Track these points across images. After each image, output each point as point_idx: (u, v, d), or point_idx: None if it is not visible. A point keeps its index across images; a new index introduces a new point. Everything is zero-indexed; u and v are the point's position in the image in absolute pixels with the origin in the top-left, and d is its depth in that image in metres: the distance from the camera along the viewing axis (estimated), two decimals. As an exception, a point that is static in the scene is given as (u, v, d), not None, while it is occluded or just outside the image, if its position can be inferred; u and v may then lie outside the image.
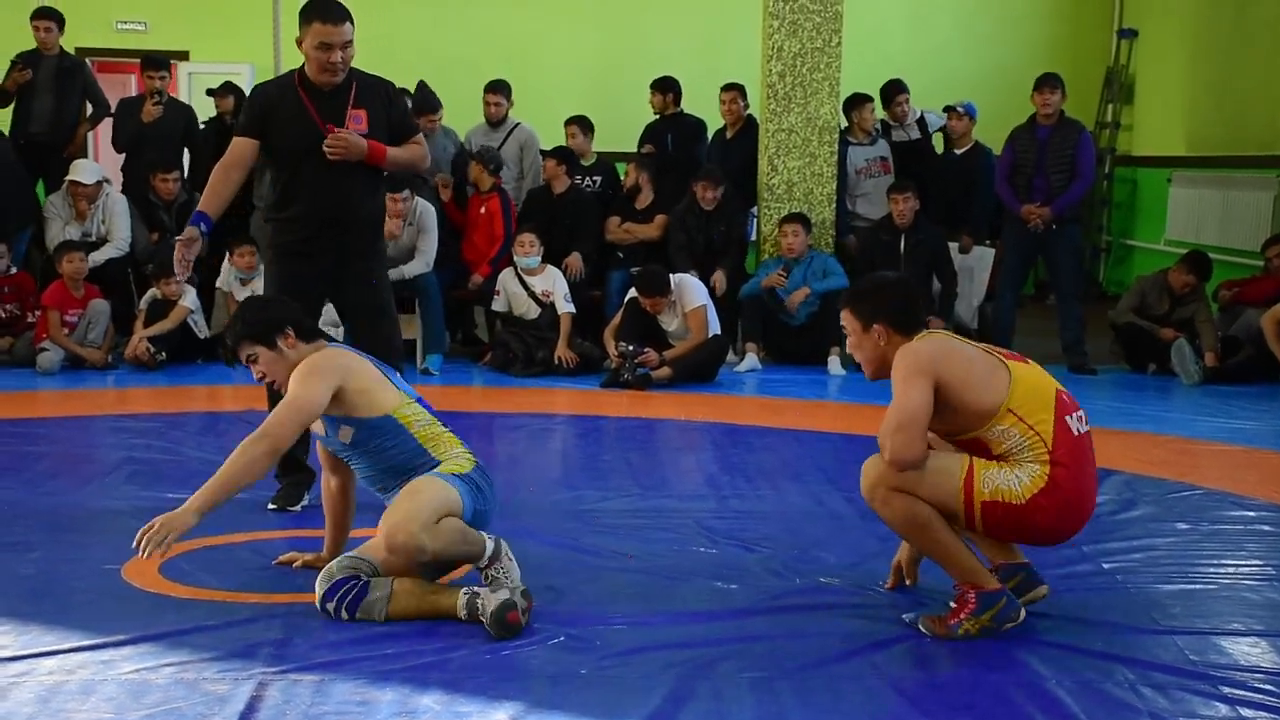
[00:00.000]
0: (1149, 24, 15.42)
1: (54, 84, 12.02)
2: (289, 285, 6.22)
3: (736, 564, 5.65)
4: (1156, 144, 15.18)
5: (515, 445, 8.43)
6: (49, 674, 4.35)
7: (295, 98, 6.26)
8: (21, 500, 6.58)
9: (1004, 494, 4.68)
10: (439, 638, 4.67)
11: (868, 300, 4.96)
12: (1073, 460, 4.73)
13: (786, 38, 11.39)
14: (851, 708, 4.18)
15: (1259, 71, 13.18)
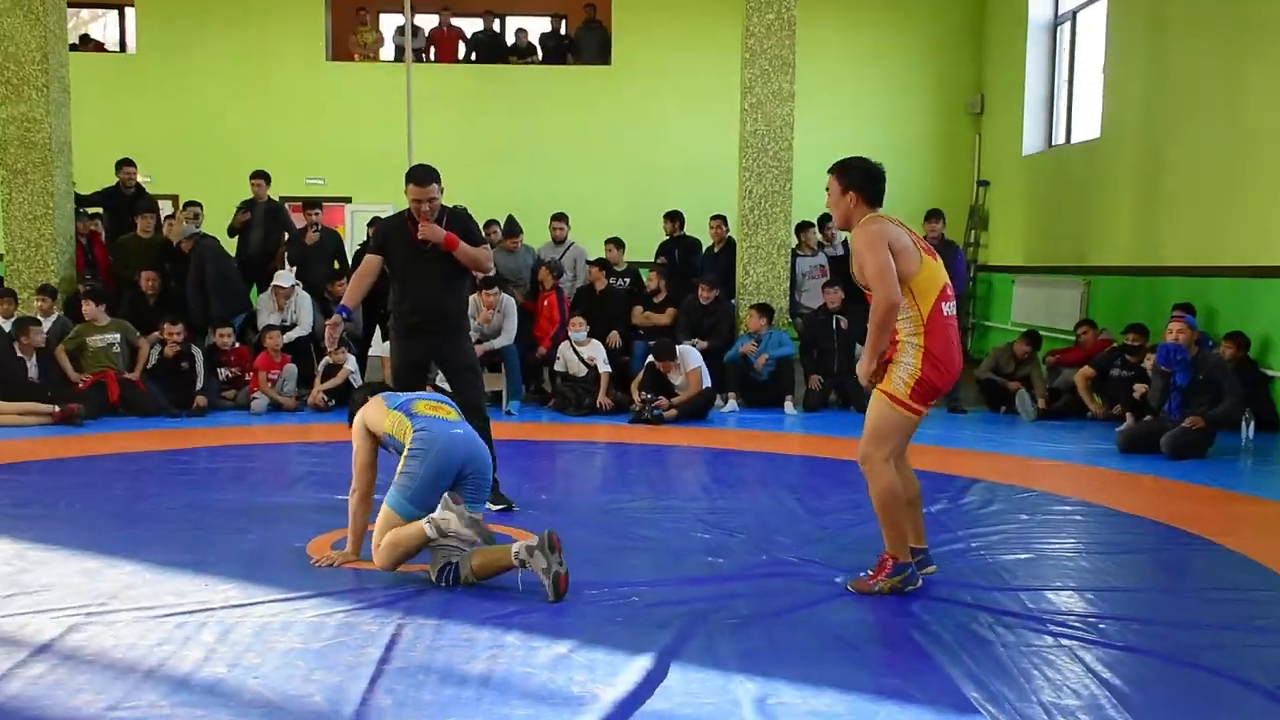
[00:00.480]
0: (997, 177, 15.49)
1: (264, 221, 12.12)
2: (403, 353, 6.37)
3: (722, 545, 5.67)
4: (1004, 257, 15.22)
5: (570, 463, 8.46)
6: (260, 616, 4.40)
7: (405, 229, 6.34)
8: (241, 499, 6.64)
9: (908, 379, 4.65)
10: (517, 599, 4.70)
11: (853, 174, 4.86)
12: (939, 333, 4.69)
13: (755, 183, 11.47)
14: (803, 642, 4.21)
15: (1071, 210, 13.26)
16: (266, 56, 15.55)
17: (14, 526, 5.85)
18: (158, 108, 15.37)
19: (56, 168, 11.42)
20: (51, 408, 9.67)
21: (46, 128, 11.34)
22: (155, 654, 3.98)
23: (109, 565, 5.12)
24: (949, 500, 6.78)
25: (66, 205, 11.64)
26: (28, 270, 11.35)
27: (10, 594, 4.67)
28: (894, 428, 4.72)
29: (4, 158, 11.32)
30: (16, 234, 11.35)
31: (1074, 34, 14.18)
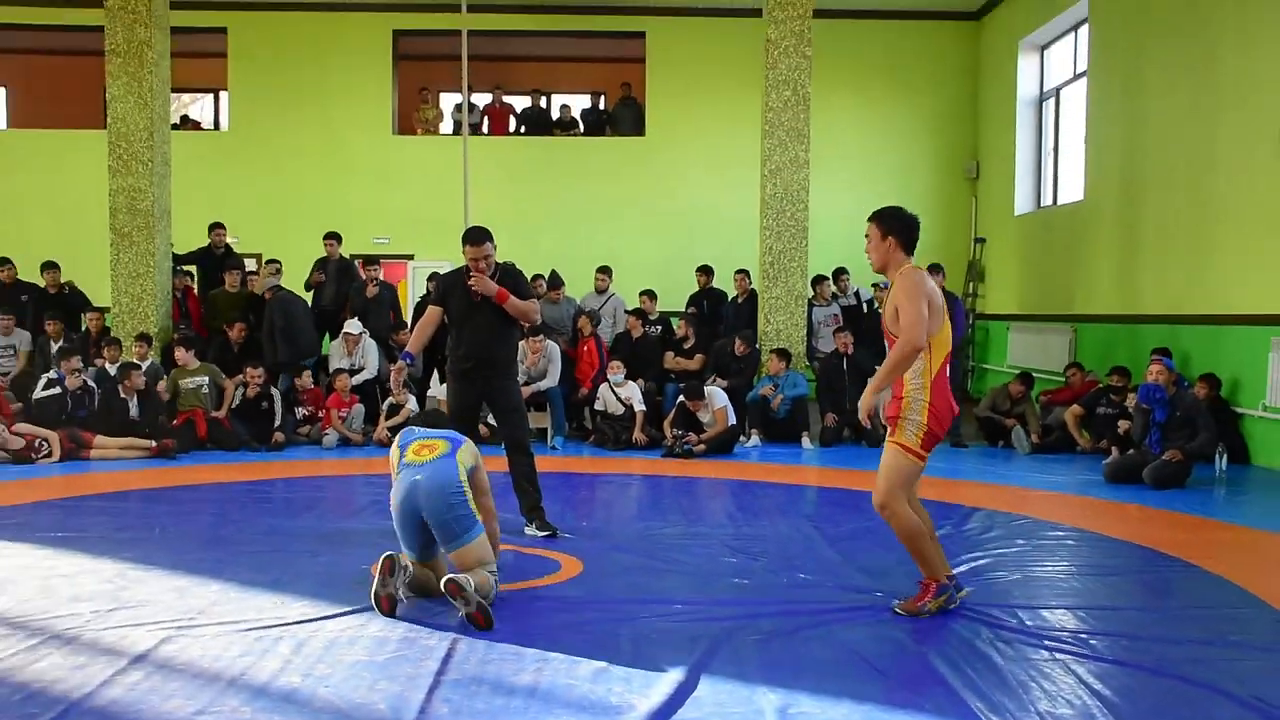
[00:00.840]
0: (992, 235, 15.40)
1: (336, 277, 12.20)
2: (458, 395, 6.42)
3: (747, 568, 5.62)
4: (1000, 306, 15.11)
5: (608, 493, 8.42)
6: (330, 631, 4.40)
7: (462, 282, 6.37)
8: (314, 525, 6.65)
9: (917, 431, 4.63)
10: (561, 619, 4.68)
11: (891, 221, 4.77)
12: (941, 389, 4.68)
13: (774, 240, 11.48)
14: (821, 657, 4.16)
15: (1059, 264, 13.18)
16: (340, 132, 15.72)
17: (115, 548, 5.89)
18: (245, 177, 15.57)
19: (157, 231, 11.57)
20: (149, 442, 9.75)
21: (150, 197, 11.49)
22: (237, 664, 3.98)
23: (197, 584, 5.14)
24: (953, 527, 6.71)
25: (165, 264, 11.79)
26: (131, 321, 11.48)
27: (112, 608, 4.69)
28: (907, 475, 4.70)
29: (113, 223, 11.49)
30: (122, 289, 11.49)
31: (1058, 107, 14.16)
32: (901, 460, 4.69)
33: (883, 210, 4.87)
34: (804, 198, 11.48)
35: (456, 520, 4.70)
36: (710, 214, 15.58)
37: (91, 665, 3.95)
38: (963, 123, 15.99)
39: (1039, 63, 14.60)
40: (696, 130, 15.80)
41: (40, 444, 9.47)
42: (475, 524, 4.74)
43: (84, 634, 4.33)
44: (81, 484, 8.39)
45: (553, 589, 5.16)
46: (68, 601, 4.82)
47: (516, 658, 4.08)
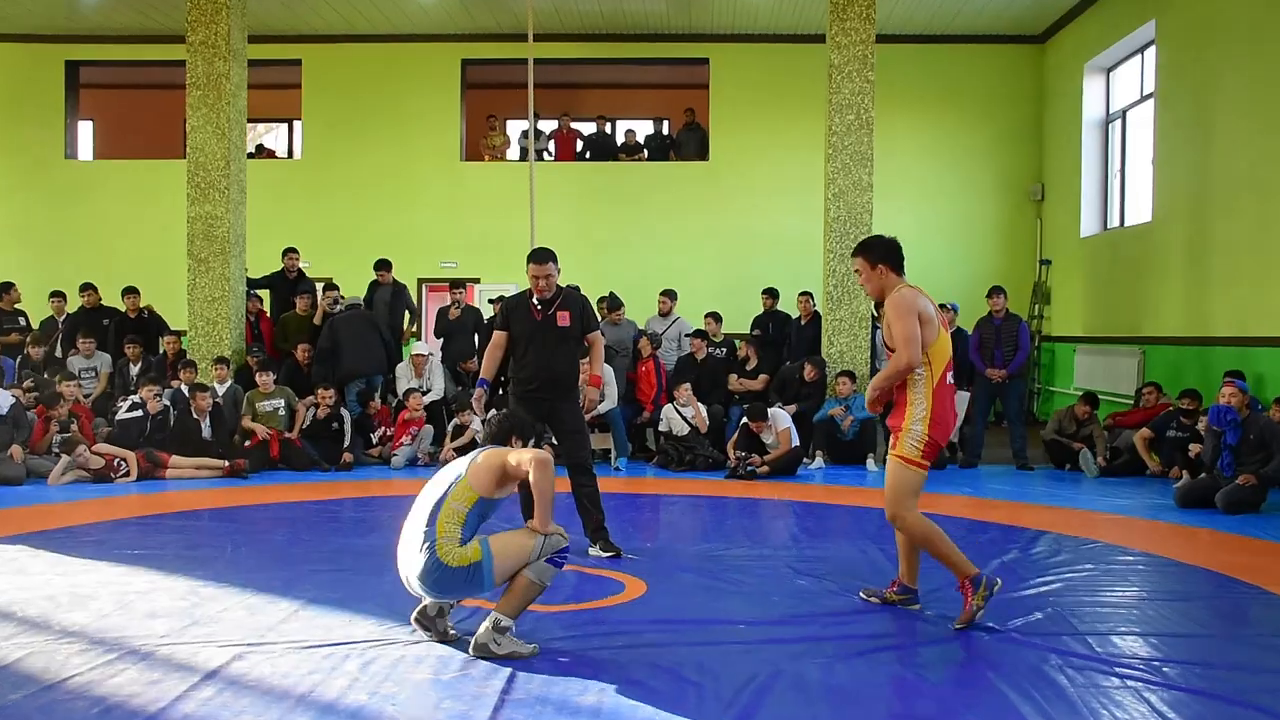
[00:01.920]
0: (1057, 257, 15.15)
1: (390, 302, 12.33)
2: (525, 411, 6.36)
3: (811, 590, 5.55)
4: (1065, 328, 14.84)
5: (672, 514, 8.39)
6: (397, 650, 4.39)
7: (526, 304, 6.43)
8: (382, 544, 6.65)
9: (918, 443, 4.79)
10: (623, 637, 4.63)
11: (875, 250, 4.95)
12: (943, 398, 4.82)
13: (838, 263, 11.40)
14: (884, 680, 4.09)
15: (1127, 286, 12.91)
16: (409, 158, 15.91)
17: (188, 566, 5.97)
18: (318, 204, 15.82)
19: (233, 257, 11.78)
20: (222, 462, 9.90)
21: (226, 224, 11.71)
22: (306, 681, 4.00)
23: (267, 602, 5.18)
24: (1019, 550, 6.57)
25: (240, 288, 11.99)
26: (206, 344, 11.69)
27: (185, 625, 4.75)
28: (912, 486, 4.84)
29: (191, 249, 11.71)
30: (198, 313, 11.71)
31: (1124, 129, 13.91)
32: (904, 473, 4.84)
33: (864, 242, 5.06)
34: (867, 220, 11.39)
35: (460, 588, 4.33)
36: (774, 237, 15.52)
37: (165, 681, 3.99)
38: (1027, 145, 15.78)
39: (1105, 85, 14.38)
40: (760, 154, 15.76)
41: (119, 464, 9.66)
42: (477, 568, 4.28)
43: (159, 650, 4.38)
44: (157, 503, 8.53)
45: (616, 610, 5.13)
46: (143, 618, 4.88)
47: (581, 679, 4.05)
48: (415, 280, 15.75)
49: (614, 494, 8.51)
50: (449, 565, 4.26)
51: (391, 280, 12.45)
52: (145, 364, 11.70)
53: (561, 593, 5.43)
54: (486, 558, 4.30)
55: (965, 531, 7.39)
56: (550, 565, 4.38)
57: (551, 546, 4.38)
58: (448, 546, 4.29)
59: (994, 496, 8.95)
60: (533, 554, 4.36)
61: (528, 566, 4.36)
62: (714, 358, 11.83)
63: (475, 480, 4.42)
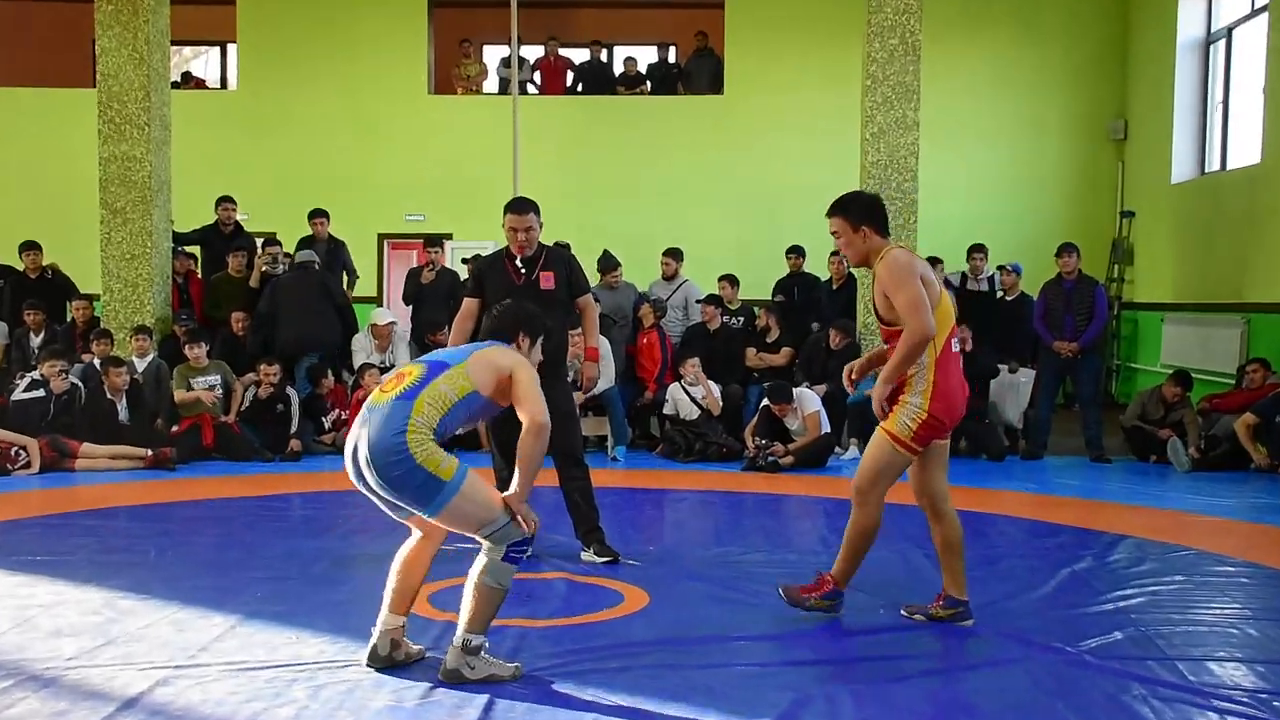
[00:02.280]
0: (1142, 207, 15.11)
1: (325, 260, 12.27)
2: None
3: (843, 603, 5.54)
4: (1151, 294, 14.82)
5: (680, 513, 8.39)
6: (353, 672, 4.39)
7: (502, 265, 6.45)
8: (336, 548, 6.67)
9: (912, 421, 4.91)
10: (619, 656, 4.63)
11: (856, 209, 5.03)
12: (947, 366, 4.92)
13: (877, 218, 11.34)
14: (929, 708, 4.08)
15: (1228, 242, 12.87)
16: (367, 91, 15.85)
17: (103, 574, 5.95)
18: (257, 144, 15.76)
19: (155, 206, 11.75)
20: (144, 451, 9.90)
21: (147, 166, 11.68)
22: (244, 710, 3.99)
23: (199, 616, 5.17)
24: (1094, 558, 6.56)
25: (164, 244, 11.97)
26: (124, 310, 11.67)
27: (98, 644, 4.73)
28: (891, 469, 5.00)
29: (104, 197, 11.68)
30: (114, 273, 11.68)
31: (1229, 51, 13.80)
32: (887, 451, 4.99)
33: (841, 201, 5.13)
34: (912, 165, 11.35)
35: (410, 493, 4.19)
36: (801, 185, 15.44)
37: (74, 712, 3.97)
38: (1106, 75, 15.70)
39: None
40: (785, 86, 15.70)
41: (17, 453, 9.66)
42: (439, 485, 4.16)
43: (66, 675, 4.36)
44: (64, 499, 8.53)
45: (614, 625, 5.13)
46: (47, 637, 4.87)
47: (571, 709, 4.04)
48: (375, 236, 15.72)
49: (611, 489, 8.50)
50: (414, 458, 4.14)
51: (328, 235, 12.42)
52: (49, 334, 11.68)
53: (549, 604, 5.43)
54: (454, 485, 4.16)
55: (1028, 536, 7.40)
56: (508, 564, 4.29)
57: (507, 536, 4.26)
58: (421, 436, 4.18)
59: (1063, 493, 8.95)
60: (492, 525, 4.24)
61: (484, 571, 4.27)
62: (729, 328, 11.81)
63: (476, 370, 4.38)
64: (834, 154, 14.79)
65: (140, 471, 9.70)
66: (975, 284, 12.28)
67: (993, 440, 10.67)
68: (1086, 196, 15.63)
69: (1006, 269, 11.94)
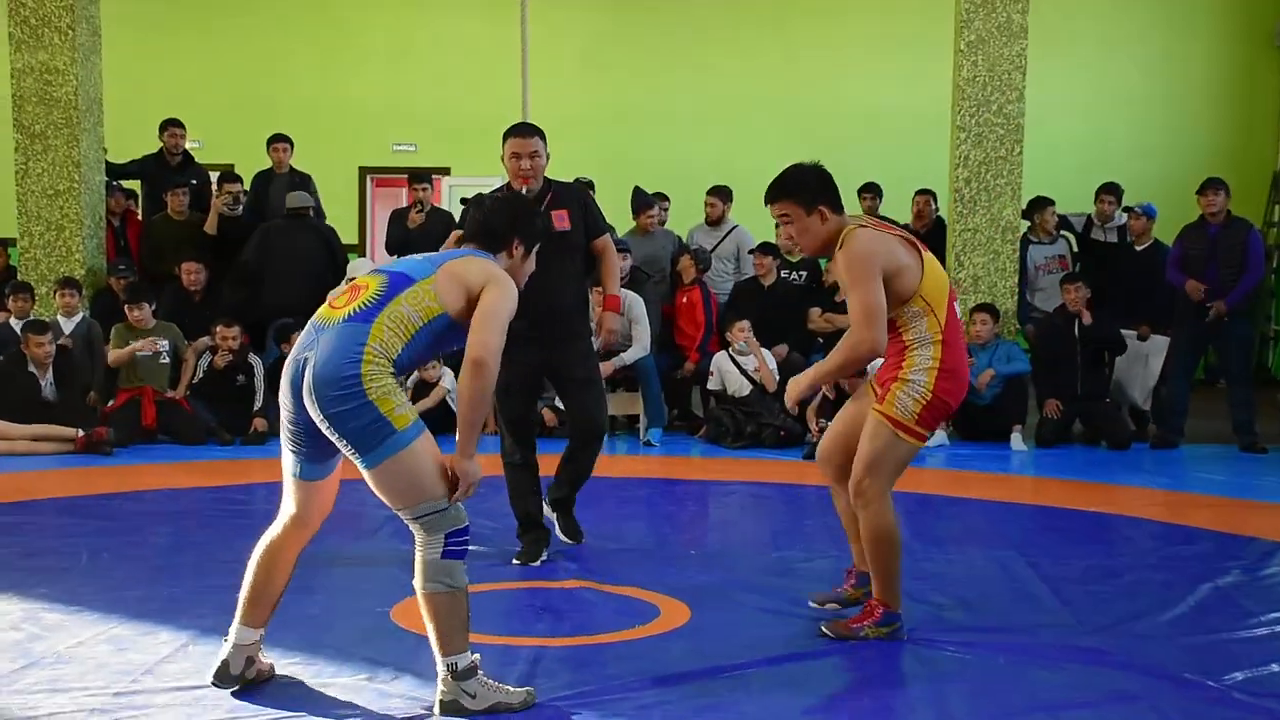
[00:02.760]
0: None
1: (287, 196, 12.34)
2: (516, 366, 6.33)
3: (927, 620, 5.53)
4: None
5: (728, 510, 8.41)
6: (330, 702, 4.43)
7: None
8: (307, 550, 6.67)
9: (916, 403, 4.99)
10: (657, 692, 4.66)
11: (805, 188, 5.12)
12: (954, 338, 5.06)
13: (972, 148, 11.32)
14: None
15: None
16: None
17: (24, 581, 5.99)
18: (211, 56, 15.79)
19: (84, 130, 11.81)
20: (73, 432, 9.97)
21: (72, 80, 11.72)
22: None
23: (142, 633, 5.21)
24: (1242, 571, 6.52)
25: (95, 178, 12.02)
26: (47, 260, 11.75)
27: (19, 667, 4.77)
28: (896, 457, 5.10)
29: (19, 118, 11.73)
30: (33, 214, 11.73)
31: None
32: (889, 439, 5.05)
33: (784, 182, 5.23)
34: (1018, 81, 11.29)
35: (351, 434, 4.14)
36: (876, 111, 15.42)
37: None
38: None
39: None
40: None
41: (-81, 434, 9.75)
42: (390, 432, 4.13)
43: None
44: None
45: (647, 645, 5.14)
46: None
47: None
48: (356, 170, 15.75)
49: (645, 480, 8.55)
50: (366, 394, 4.10)
51: (289, 167, 12.45)
52: (-46, 288, 11.76)
53: (570, 619, 5.46)
54: (407, 436, 4.13)
55: (1159, 542, 7.39)
56: (450, 561, 4.24)
57: (442, 523, 4.21)
58: (378, 368, 4.15)
59: (1204, 490, 8.94)
60: (430, 504, 4.18)
61: (426, 579, 4.23)
62: (788, 283, 11.80)
63: (445, 287, 4.32)
64: (918, 69, 14.75)
65: (70, 456, 9.78)
66: (1102, 232, 12.18)
67: (1115, 425, 10.64)
68: (1239, 119, 15.53)
69: (1135, 211, 11.85)
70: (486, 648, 4.84)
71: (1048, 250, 11.98)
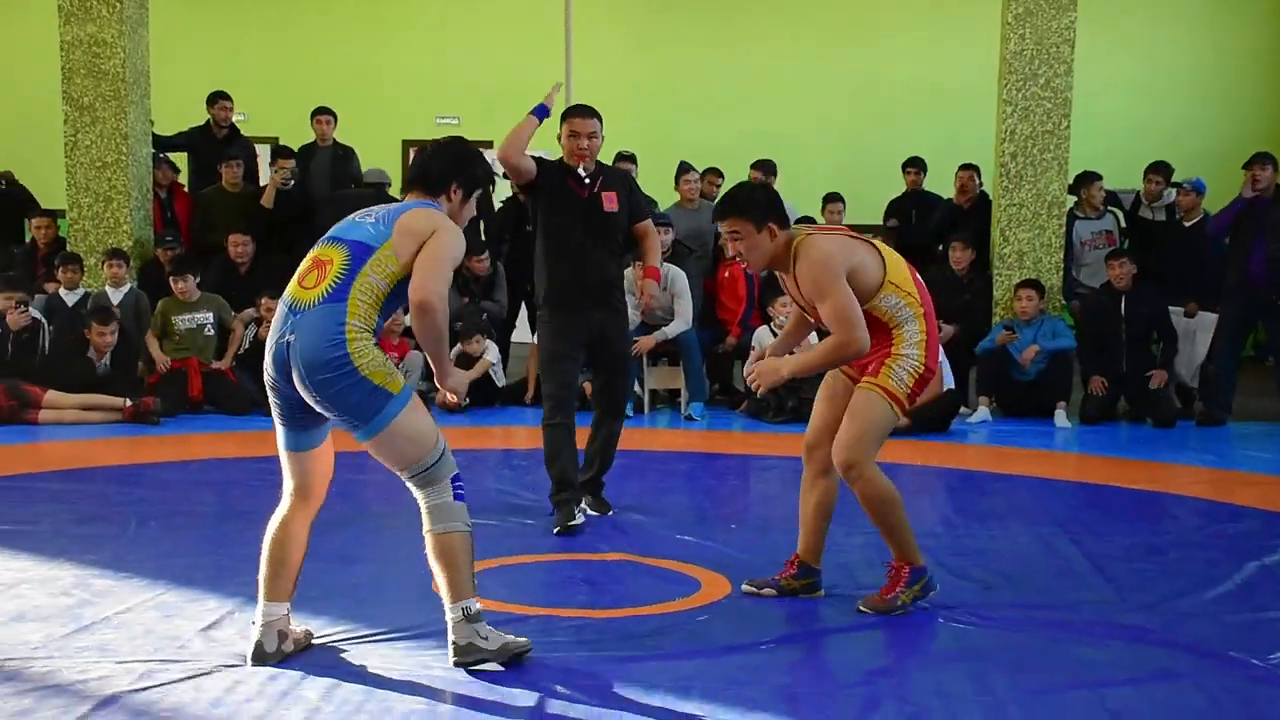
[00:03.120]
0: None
1: (329, 169, 12.32)
2: (560, 337, 6.66)
3: (971, 600, 5.50)
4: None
5: (769, 485, 8.39)
6: (376, 667, 4.45)
7: (561, 177, 6.64)
8: (351, 519, 6.75)
9: (911, 374, 5.10)
10: (683, 649, 4.67)
11: (757, 207, 5.14)
12: (930, 309, 5.21)
13: (1019, 121, 11.24)
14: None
15: None
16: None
17: (73, 548, 6.06)
18: (255, 29, 15.83)
19: (131, 103, 11.83)
20: (121, 402, 10.03)
21: (120, 53, 11.73)
22: (245, 712, 4.05)
23: (189, 599, 5.26)
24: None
25: (142, 150, 12.05)
26: (95, 231, 11.79)
27: (69, 631, 4.82)
28: (884, 428, 5.15)
29: (68, 90, 11.75)
30: (82, 185, 11.77)
31: None
32: (881, 409, 5.11)
33: (734, 202, 5.23)
34: (1067, 55, 11.19)
35: (349, 409, 4.27)
36: (921, 85, 15.34)
37: (40, 711, 4.04)
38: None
39: None
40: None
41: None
42: (387, 398, 4.26)
43: (30, 668, 4.44)
44: (26, 457, 8.69)
45: (688, 618, 5.15)
46: (8, 622, 4.96)
47: (633, 711, 4.08)
48: (399, 143, 15.76)
49: (686, 454, 8.56)
50: (359, 371, 4.21)
51: (332, 140, 12.47)
52: (3, 258, 11.83)
53: (611, 592, 5.48)
54: (402, 399, 4.29)
55: (1204, 520, 7.34)
56: (459, 503, 4.39)
57: (439, 474, 4.36)
58: (363, 343, 4.26)
59: (1251, 468, 8.87)
60: (425, 460, 4.33)
61: (435, 520, 4.35)
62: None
63: (402, 246, 4.35)
64: (964, 42, 14.67)
65: (118, 426, 9.85)
66: (1149, 211, 12.07)
67: (1161, 402, 10.56)
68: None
69: (1184, 186, 11.72)
70: (529, 619, 4.89)
71: (1094, 225, 11.88)
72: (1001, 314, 11.10)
